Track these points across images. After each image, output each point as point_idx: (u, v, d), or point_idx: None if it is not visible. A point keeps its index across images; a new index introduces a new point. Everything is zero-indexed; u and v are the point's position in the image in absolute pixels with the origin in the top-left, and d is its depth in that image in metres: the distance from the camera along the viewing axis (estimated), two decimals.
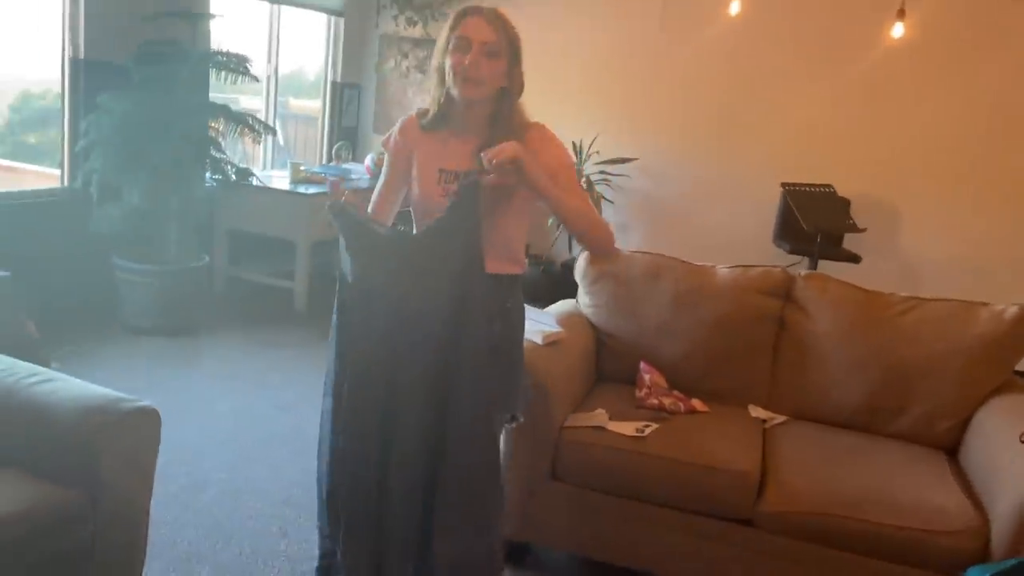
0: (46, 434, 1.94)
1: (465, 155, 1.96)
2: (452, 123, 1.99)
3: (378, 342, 1.88)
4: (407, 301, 1.85)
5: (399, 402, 1.88)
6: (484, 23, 1.87)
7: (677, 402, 2.83)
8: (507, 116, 1.95)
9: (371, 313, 1.88)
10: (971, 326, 2.77)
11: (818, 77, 5.56)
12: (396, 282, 1.86)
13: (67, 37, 4.39)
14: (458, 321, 1.86)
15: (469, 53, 1.86)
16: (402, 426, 1.88)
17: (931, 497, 2.37)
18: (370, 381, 1.89)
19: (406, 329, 1.86)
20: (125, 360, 4.11)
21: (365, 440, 1.89)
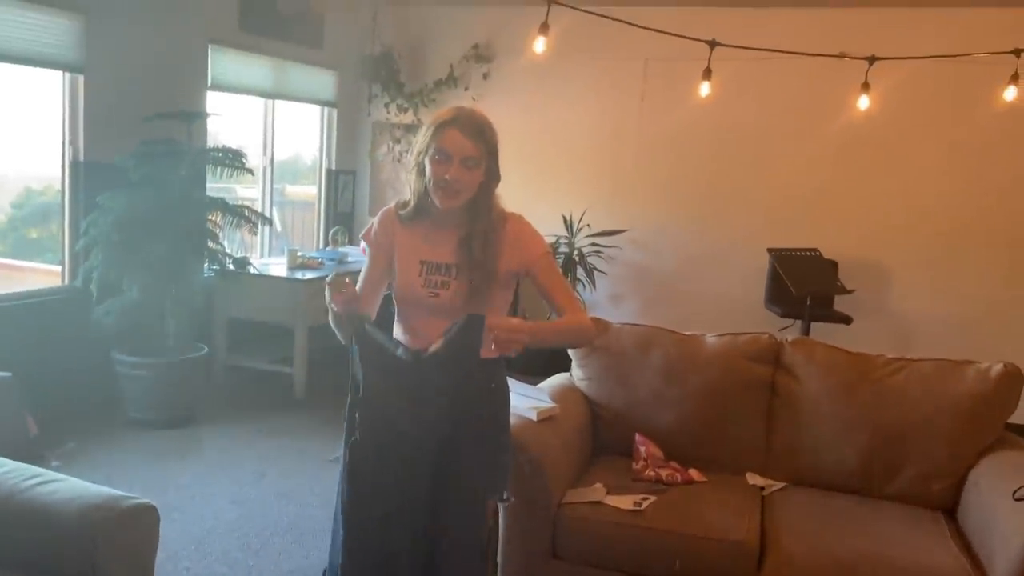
0: (46, 535, 1.96)
1: (445, 247, 2.03)
2: (431, 216, 2.05)
3: (385, 447, 1.96)
4: (412, 418, 1.94)
5: (404, 491, 1.97)
6: (464, 137, 1.93)
7: (674, 473, 2.84)
8: (485, 207, 2.02)
9: (379, 423, 1.97)
10: (958, 385, 2.81)
11: (795, 144, 5.73)
12: (402, 398, 1.95)
13: (67, 140, 4.54)
14: (454, 419, 1.95)
15: (450, 167, 1.93)
16: (408, 511, 1.97)
17: (929, 559, 2.37)
18: (377, 475, 1.98)
19: (409, 440, 1.95)
20: (126, 454, 4.12)
21: (371, 524, 1.99)
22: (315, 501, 3.69)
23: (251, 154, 5.49)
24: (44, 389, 4.12)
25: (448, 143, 1.94)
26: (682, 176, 6.00)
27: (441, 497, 1.95)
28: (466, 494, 1.97)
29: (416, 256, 2.06)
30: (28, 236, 5.21)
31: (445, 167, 1.94)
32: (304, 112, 6.43)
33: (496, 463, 2.06)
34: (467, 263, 2.00)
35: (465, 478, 1.97)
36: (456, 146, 1.93)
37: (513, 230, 2.05)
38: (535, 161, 6.30)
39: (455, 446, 1.95)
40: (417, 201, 2.04)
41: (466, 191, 1.97)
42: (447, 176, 1.93)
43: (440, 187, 1.95)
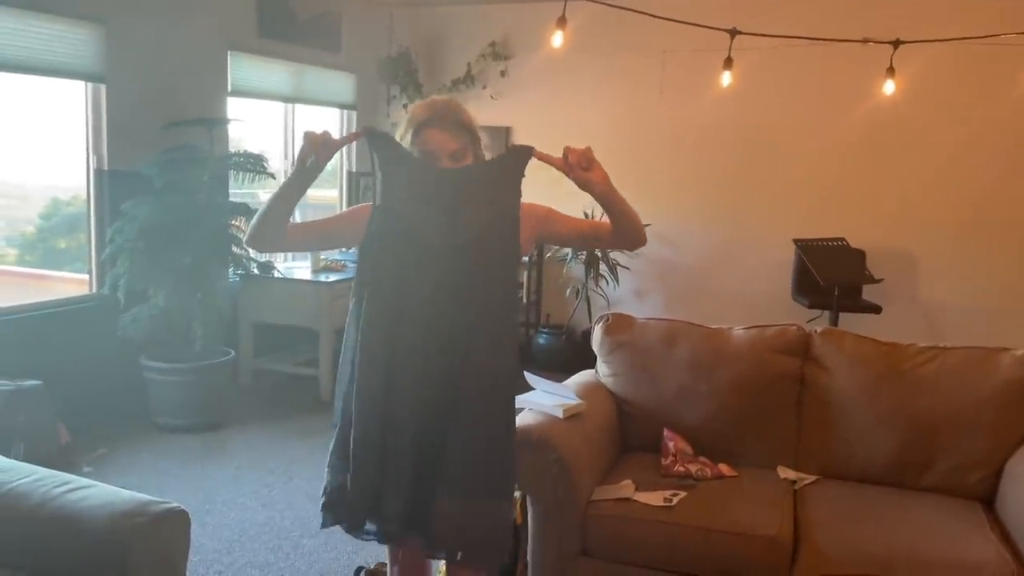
0: (77, 542, 1.97)
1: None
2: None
3: (394, 273, 1.84)
4: (430, 231, 1.82)
5: (404, 344, 1.83)
6: (443, 134, 1.87)
7: (704, 468, 2.81)
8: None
9: (391, 240, 1.84)
10: (993, 373, 2.75)
11: (819, 133, 5.65)
12: (421, 208, 1.83)
13: (91, 149, 4.59)
14: (480, 260, 1.83)
15: (438, 164, 1.87)
16: (407, 370, 1.84)
17: (968, 551, 2.32)
18: (381, 315, 1.84)
19: (423, 265, 1.83)
20: (156, 459, 4.15)
21: (374, 375, 1.84)
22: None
23: (272, 159, 5.51)
24: (74, 397, 4.17)
25: (430, 143, 1.88)
26: (704, 168, 5.95)
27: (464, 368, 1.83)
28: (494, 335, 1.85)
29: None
30: (56, 247, 5.27)
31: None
32: (324, 115, 6.45)
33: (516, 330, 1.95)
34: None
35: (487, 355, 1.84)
36: (439, 144, 1.87)
37: (527, 210, 1.97)
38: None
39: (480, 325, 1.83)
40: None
41: None
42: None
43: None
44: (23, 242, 5.05)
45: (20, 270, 5.06)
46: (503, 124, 6.36)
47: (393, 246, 1.84)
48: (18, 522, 2.05)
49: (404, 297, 1.83)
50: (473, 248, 1.83)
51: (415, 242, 1.83)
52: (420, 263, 1.83)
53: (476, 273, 1.83)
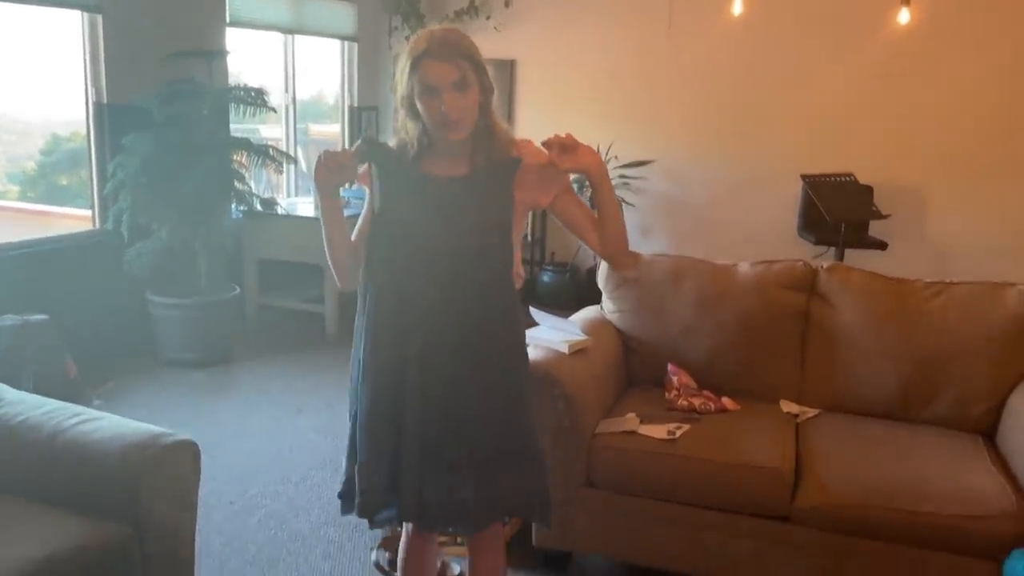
0: (90, 473, 2.01)
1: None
2: (433, 154, 1.89)
3: (398, 272, 1.87)
4: (431, 237, 1.85)
5: (412, 343, 1.86)
6: (443, 64, 1.77)
7: (707, 402, 2.84)
8: (487, 129, 1.88)
9: (395, 247, 1.87)
10: (999, 307, 2.75)
11: (830, 65, 5.54)
12: (421, 217, 1.85)
13: (89, 82, 4.52)
14: (480, 273, 1.86)
15: (441, 99, 1.78)
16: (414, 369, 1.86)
17: (969, 482, 2.35)
18: (389, 311, 1.87)
19: (424, 265, 1.85)
20: (165, 393, 4.20)
21: (384, 368, 1.88)
22: None
23: (273, 93, 5.43)
24: (81, 332, 4.19)
25: (430, 76, 1.77)
26: (712, 103, 5.85)
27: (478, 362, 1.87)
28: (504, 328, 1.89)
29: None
30: (58, 183, 5.24)
31: (436, 101, 1.78)
32: (324, 48, 6.33)
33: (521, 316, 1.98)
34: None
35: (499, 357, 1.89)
36: (439, 76, 1.77)
37: (528, 155, 1.91)
38: (560, 92, 6.18)
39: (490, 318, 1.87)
40: (418, 144, 1.87)
41: (469, 116, 1.82)
42: (443, 109, 1.78)
43: (441, 123, 1.80)
44: (24, 179, 5.02)
45: (23, 206, 5.05)
46: (508, 57, 6.24)
47: (395, 250, 1.87)
48: (31, 453, 2.08)
49: (408, 297, 1.87)
50: (469, 251, 1.86)
51: (414, 246, 1.86)
52: (420, 265, 1.86)
53: (473, 274, 1.86)
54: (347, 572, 2.71)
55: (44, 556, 1.80)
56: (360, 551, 2.83)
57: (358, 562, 2.77)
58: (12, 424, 2.13)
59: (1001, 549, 2.19)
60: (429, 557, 2.14)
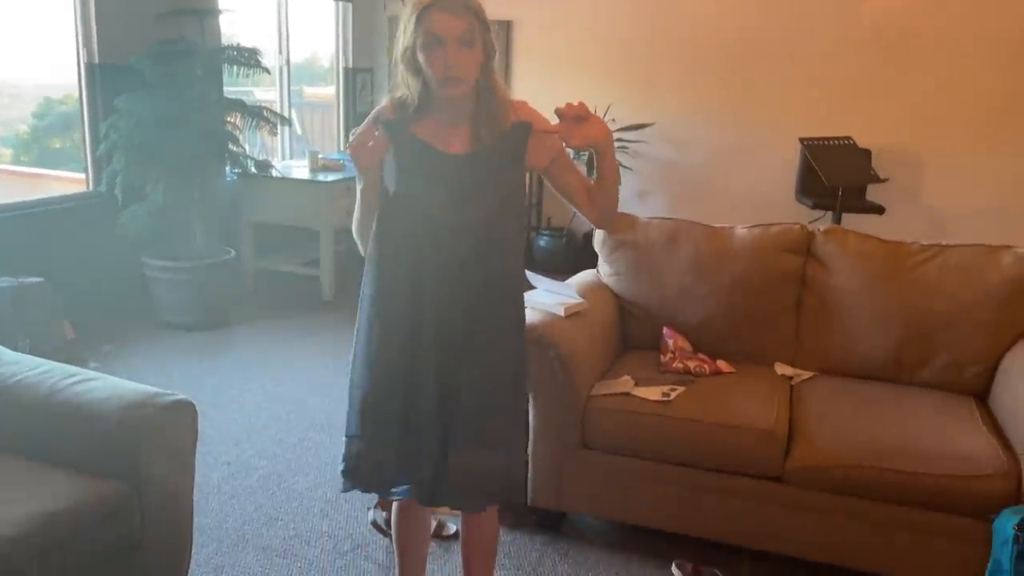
0: (87, 432, 2.02)
1: (455, 143, 1.87)
2: (434, 112, 1.87)
3: (411, 252, 1.87)
4: (444, 214, 1.85)
5: (425, 315, 1.88)
6: (451, 16, 1.73)
7: (702, 365, 2.85)
8: (489, 89, 1.86)
9: (408, 223, 1.87)
10: (995, 270, 2.75)
11: (829, 27, 5.49)
12: (435, 194, 1.85)
13: (81, 42, 4.46)
14: (490, 238, 1.87)
15: (446, 51, 1.75)
16: (429, 338, 1.88)
17: (960, 443, 2.38)
18: (400, 291, 1.89)
19: (438, 243, 1.85)
20: (161, 356, 4.21)
21: (393, 348, 1.90)
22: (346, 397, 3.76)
23: (267, 55, 5.37)
24: (77, 294, 4.19)
25: (437, 27, 1.74)
26: (710, 66, 5.80)
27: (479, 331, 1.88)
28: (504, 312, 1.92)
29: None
30: (51, 146, 5.20)
31: (440, 54, 1.75)
32: (319, 8, 6.25)
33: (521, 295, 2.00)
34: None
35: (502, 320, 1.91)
36: (446, 27, 1.74)
37: (531, 114, 1.90)
38: (557, 54, 6.12)
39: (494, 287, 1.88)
40: (419, 100, 1.84)
41: (470, 73, 1.79)
42: (447, 62, 1.75)
43: (443, 79, 1.77)
44: (17, 142, 4.98)
45: (17, 168, 5.01)
46: (505, 18, 6.16)
47: (409, 228, 1.87)
48: (28, 412, 2.09)
49: (420, 273, 1.87)
50: (482, 226, 1.86)
51: (428, 223, 1.85)
52: (434, 242, 1.86)
53: (486, 248, 1.87)
54: (344, 531, 2.74)
55: (44, 513, 1.82)
56: (357, 511, 2.86)
57: (355, 521, 2.80)
58: (8, 384, 2.13)
59: (991, 508, 2.22)
60: (424, 516, 2.16)
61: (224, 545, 2.64)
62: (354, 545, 2.67)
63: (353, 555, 2.62)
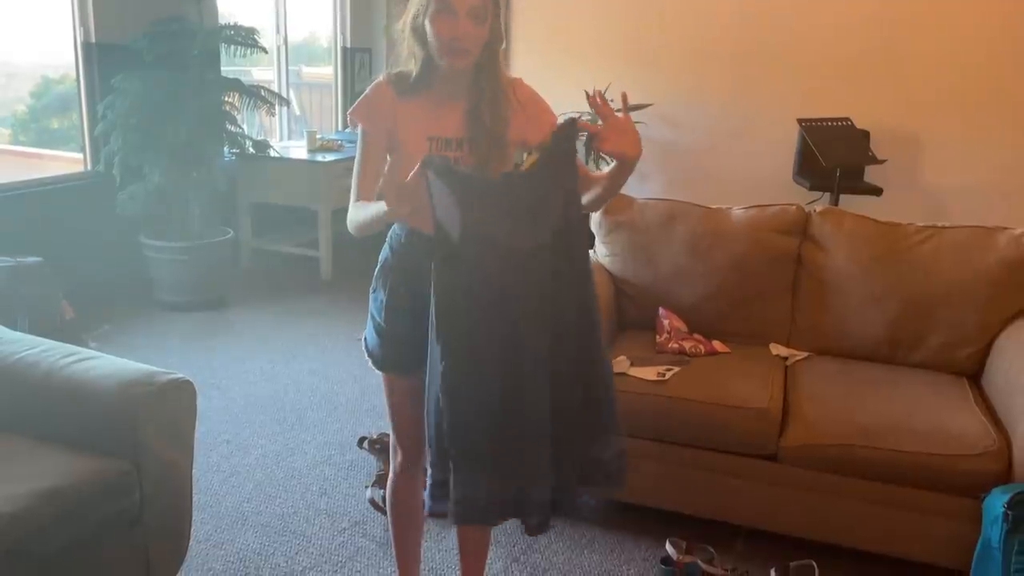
0: (87, 410, 2.03)
1: (452, 119, 1.87)
2: (433, 88, 1.87)
3: (489, 284, 1.78)
4: (514, 239, 1.77)
5: (519, 338, 1.79)
6: None
7: (698, 345, 2.87)
8: (492, 71, 1.86)
9: (480, 259, 1.77)
10: (990, 252, 2.76)
11: (827, 7, 5.46)
12: (502, 224, 1.76)
13: (77, 21, 4.44)
14: (563, 247, 1.81)
15: (456, 22, 1.75)
16: (527, 361, 1.79)
17: (952, 422, 2.40)
18: (484, 328, 1.78)
19: (516, 268, 1.77)
20: (159, 336, 4.23)
21: (481, 380, 1.79)
22: (346, 377, 3.79)
23: (264, 35, 5.34)
24: (75, 274, 4.19)
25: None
26: (708, 46, 5.77)
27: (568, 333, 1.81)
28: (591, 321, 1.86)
29: (422, 132, 1.88)
30: (49, 127, 5.19)
31: (451, 24, 1.75)
32: None
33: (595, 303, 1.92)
34: (479, 133, 1.86)
35: (586, 309, 1.85)
36: (457, 0, 1.74)
37: (523, 94, 1.91)
38: (557, 33, 6.09)
39: (575, 283, 1.83)
40: (420, 70, 1.84)
41: (475, 48, 1.80)
42: (456, 33, 1.75)
43: (448, 47, 1.77)
44: (15, 122, 4.97)
45: (15, 148, 5.00)
46: None
47: (487, 261, 1.77)
48: (28, 391, 2.11)
49: (496, 308, 1.77)
50: (549, 249, 1.78)
51: (495, 255, 1.76)
52: (504, 273, 1.77)
53: (557, 270, 1.80)
54: (343, 509, 2.77)
55: (44, 490, 1.83)
56: (355, 488, 2.88)
57: (353, 499, 2.82)
58: (8, 363, 2.14)
59: (982, 487, 2.24)
60: (418, 492, 2.18)
61: (223, 522, 2.67)
62: (352, 522, 2.70)
63: (351, 532, 2.65)
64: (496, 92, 1.86)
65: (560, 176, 1.80)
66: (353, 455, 3.10)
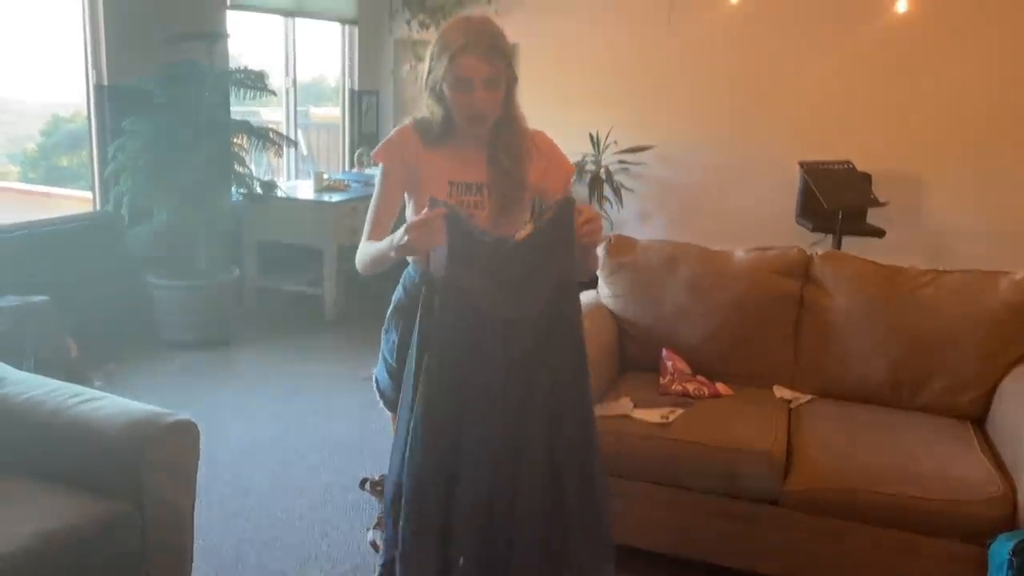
0: (91, 450, 2.04)
1: (474, 165, 1.95)
2: (455, 137, 1.96)
3: (466, 347, 1.79)
4: (496, 306, 1.78)
5: (479, 412, 1.79)
6: (481, 62, 1.82)
7: (701, 387, 2.87)
8: (510, 116, 1.94)
9: (462, 316, 1.78)
10: (991, 296, 2.77)
11: (828, 52, 5.55)
12: (491, 288, 1.79)
13: (90, 63, 4.52)
14: (550, 328, 1.81)
15: (472, 94, 1.84)
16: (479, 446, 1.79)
17: (956, 467, 2.39)
18: (450, 389, 1.79)
19: (494, 334, 1.78)
20: (164, 374, 4.23)
21: (444, 449, 1.77)
22: (349, 417, 3.79)
23: (273, 76, 5.43)
24: (81, 313, 4.22)
25: (466, 71, 1.83)
26: (711, 89, 5.86)
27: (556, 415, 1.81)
28: (583, 406, 1.86)
29: (444, 177, 1.96)
30: (59, 164, 5.25)
31: (468, 96, 1.85)
32: (325, 31, 6.32)
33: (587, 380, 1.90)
34: (498, 180, 1.93)
35: (579, 392, 1.85)
36: (474, 70, 1.83)
37: (543, 144, 2.01)
38: (560, 78, 6.17)
39: (566, 361, 1.82)
40: (440, 125, 1.94)
41: (492, 111, 1.90)
42: (472, 103, 1.85)
43: (466, 116, 1.87)
44: (25, 159, 5.03)
45: (24, 187, 5.06)
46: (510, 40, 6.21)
47: (465, 323, 1.79)
48: (33, 431, 2.12)
49: (477, 371, 1.78)
50: (543, 318, 1.81)
51: (486, 318, 1.78)
52: (492, 338, 1.78)
53: (549, 340, 1.81)
54: (344, 552, 2.75)
55: (47, 531, 1.84)
56: (357, 531, 2.87)
57: (355, 542, 2.81)
58: (14, 403, 2.16)
59: (987, 533, 2.22)
60: None
61: (224, 565, 2.65)
62: (353, 566, 2.68)
63: None
64: (514, 140, 1.93)
65: (554, 253, 1.81)
66: (355, 496, 3.09)
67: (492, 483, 1.78)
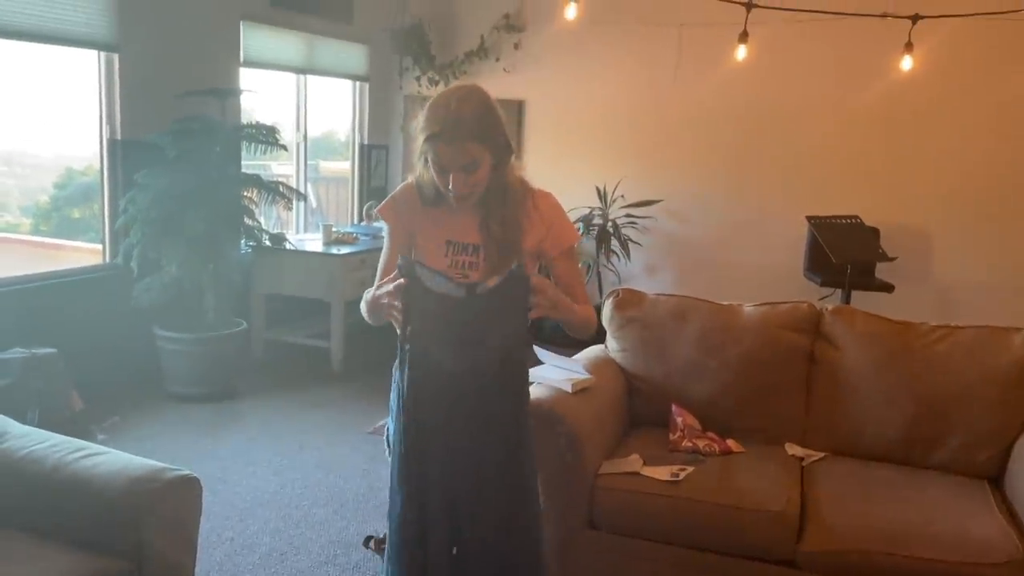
0: (92, 506, 2.01)
1: (470, 226, 1.97)
2: (447, 201, 1.97)
3: (430, 400, 1.90)
4: (456, 362, 1.86)
5: (433, 464, 1.92)
6: (452, 151, 1.83)
7: (711, 444, 2.82)
8: (500, 187, 1.95)
9: (428, 371, 1.89)
10: (1004, 352, 2.74)
11: (835, 107, 5.60)
12: (448, 343, 1.86)
13: (104, 119, 4.59)
14: (498, 385, 1.90)
15: (448, 178, 1.87)
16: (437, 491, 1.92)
17: (974, 528, 2.33)
18: (421, 442, 1.92)
19: (452, 385, 1.88)
20: (169, 428, 4.20)
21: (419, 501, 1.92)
22: (354, 472, 3.74)
23: (285, 130, 5.50)
24: (88, 365, 4.21)
25: (441, 159, 1.86)
26: (718, 144, 5.91)
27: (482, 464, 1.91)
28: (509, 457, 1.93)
29: (442, 236, 1.99)
30: (71, 216, 5.30)
31: (445, 179, 1.88)
32: (336, 87, 6.43)
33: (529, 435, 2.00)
34: (489, 243, 1.95)
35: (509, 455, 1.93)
36: (448, 159, 1.85)
37: (545, 208, 2.01)
38: (568, 132, 6.25)
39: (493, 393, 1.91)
40: (431, 189, 1.96)
41: (476, 190, 1.91)
42: (450, 187, 1.88)
43: (447, 193, 1.91)
44: (37, 211, 5.08)
45: (35, 239, 5.10)
46: (517, 97, 6.32)
47: (421, 368, 1.90)
48: (34, 487, 2.09)
49: (443, 428, 1.92)
50: (486, 374, 1.88)
51: (438, 368, 1.88)
52: (441, 387, 1.89)
53: (490, 398, 1.90)
54: None
55: None
56: None
57: None
58: (16, 458, 2.13)
59: None
60: None
61: None
62: None
63: None
64: (505, 210, 1.94)
65: (505, 312, 1.85)
66: (358, 556, 3.03)
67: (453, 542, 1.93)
